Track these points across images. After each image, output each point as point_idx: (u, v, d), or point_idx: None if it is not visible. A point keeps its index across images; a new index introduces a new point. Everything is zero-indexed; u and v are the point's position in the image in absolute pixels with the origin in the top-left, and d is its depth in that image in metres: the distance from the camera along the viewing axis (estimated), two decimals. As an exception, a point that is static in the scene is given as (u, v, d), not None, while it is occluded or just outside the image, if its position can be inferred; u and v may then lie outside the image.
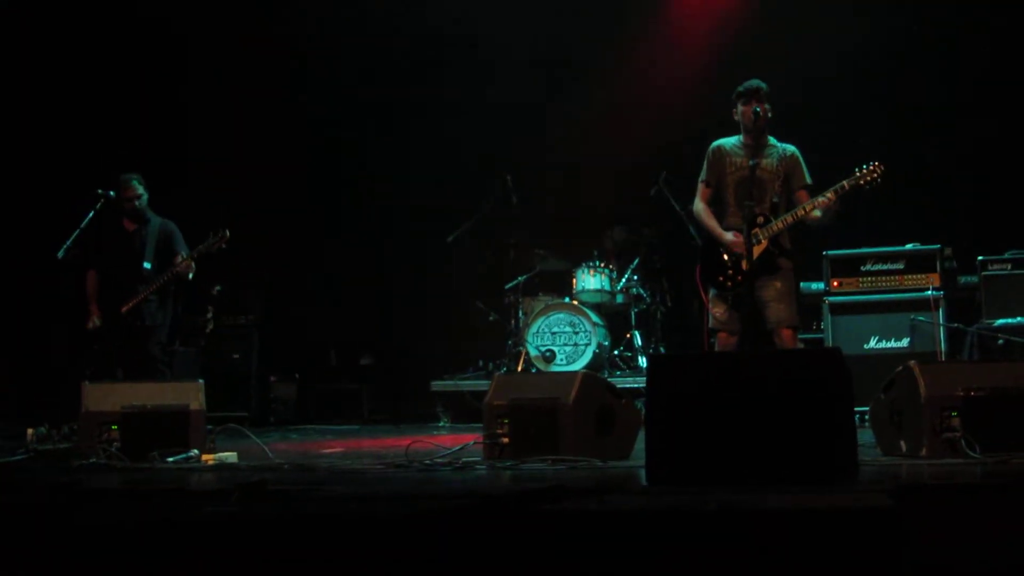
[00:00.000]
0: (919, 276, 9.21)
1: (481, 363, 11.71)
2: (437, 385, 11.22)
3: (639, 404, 7.26)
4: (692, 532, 3.85)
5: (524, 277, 11.47)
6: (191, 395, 7.06)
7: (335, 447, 8.37)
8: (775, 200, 7.43)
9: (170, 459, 6.60)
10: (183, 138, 12.22)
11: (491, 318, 11.64)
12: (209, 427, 7.12)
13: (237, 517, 4.32)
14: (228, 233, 8.76)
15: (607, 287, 11.21)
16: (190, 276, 8.96)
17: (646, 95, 11.48)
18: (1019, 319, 8.94)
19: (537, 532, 3.94)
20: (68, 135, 11.73)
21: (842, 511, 3.94)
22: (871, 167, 7.18)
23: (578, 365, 10.60)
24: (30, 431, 7.74)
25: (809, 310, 9.45)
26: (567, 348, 10.81)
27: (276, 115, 12.11)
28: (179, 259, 8.92)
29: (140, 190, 9.13)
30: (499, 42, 11.58)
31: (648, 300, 11.41)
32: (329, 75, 12.32)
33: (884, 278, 9.28)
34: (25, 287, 11.53)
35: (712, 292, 7.57)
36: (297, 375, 12.24)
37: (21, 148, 11.79)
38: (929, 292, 9.08)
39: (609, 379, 8.52)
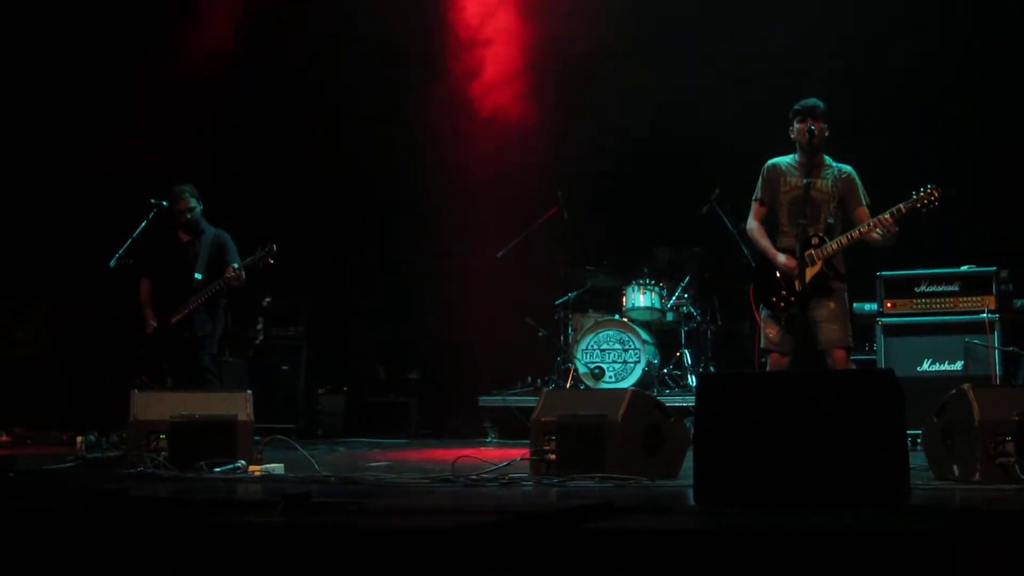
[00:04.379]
0: (974, 298, 9.09)
1: (530, 379, 11.71)
2: (485, 400, 11.23)
3: (688, 423, 7.19)
4: (740, 552, 3.79)
5: (574, 293, 11.46)
6: (239, 406, 7.07)
7: (381, 460, 8.37)
8: (830, 221, 7.32)
9: (217, 469, 6.62)
10: (234, 150, 12.30)
11: (540, 334, 11.61)
12: (256, 438, 7.15)
13: (282, 528, 4.32)
14: (276, 248, 8.75)
15: (657, 305, 11.16)
16: (241, 281, 8.92)
17: (697, 110, 11.40)
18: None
19: (583, 550, 3.90)
20: (121, 146, 11.80)
21: (893, 535, 3.87)
22: (928, 191, 7.07)
23: (627, 383, 10.55)
24: (79, 439, 7.82)
25: (862, 331, 9.33)
26: (616, 365, 10.77)
27: (324, 127, 12.16)
28: (230, 270, 8.91)
29: (192, 202, 9.10)
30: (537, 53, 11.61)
31: (698, 319, 11.34)
32: (374, 86, 12.33)
33: (938, 300, 9.16)
34: (77, 295, 11.62)
35: (764, 312, 7.49)
36: (345, 388, 12.30)
37: (75, 157, 11.91)
38: (984, 315, 8.95)
39: (658, 397, 8.46)
